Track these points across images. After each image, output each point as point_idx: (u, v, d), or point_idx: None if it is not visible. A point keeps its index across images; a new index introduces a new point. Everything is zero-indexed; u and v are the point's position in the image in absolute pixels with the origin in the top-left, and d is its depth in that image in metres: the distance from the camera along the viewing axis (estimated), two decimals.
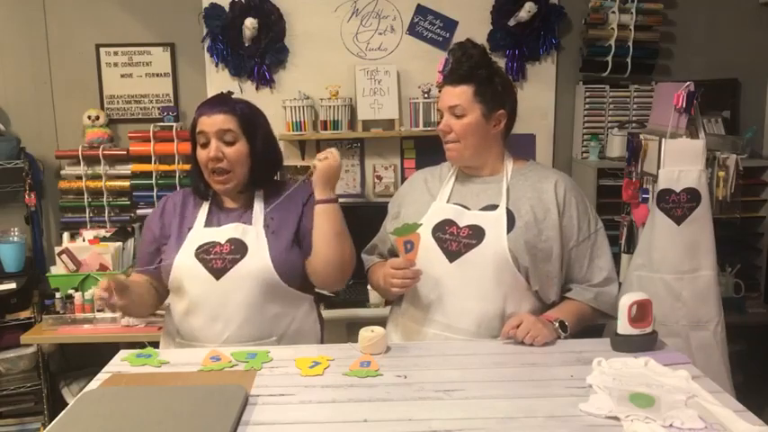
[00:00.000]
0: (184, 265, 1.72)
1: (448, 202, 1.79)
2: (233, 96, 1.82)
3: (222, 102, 1.77)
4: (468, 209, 1.76)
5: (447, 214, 1.76)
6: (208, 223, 1.78)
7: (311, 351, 1.63)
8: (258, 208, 1.80)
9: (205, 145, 1.73)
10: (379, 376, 1.45)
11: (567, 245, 1.74)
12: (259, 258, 1.72)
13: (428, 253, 1.74)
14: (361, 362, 1.52)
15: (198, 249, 1.73)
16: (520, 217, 1.71)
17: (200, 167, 1.77)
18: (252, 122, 1.78)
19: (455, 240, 1.72)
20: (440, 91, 1.82)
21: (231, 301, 1.71)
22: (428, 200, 1.82)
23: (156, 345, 2.08)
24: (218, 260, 1.71)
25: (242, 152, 1.74)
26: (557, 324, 1.66)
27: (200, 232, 1.76)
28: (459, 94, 1.72)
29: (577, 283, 1.78)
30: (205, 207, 1.82)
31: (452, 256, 1.71)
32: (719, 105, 3.22)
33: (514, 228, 1.70)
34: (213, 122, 1.72)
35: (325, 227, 1.75)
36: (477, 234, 1.70)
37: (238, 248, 1.72)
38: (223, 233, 1.75)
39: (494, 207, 1.73)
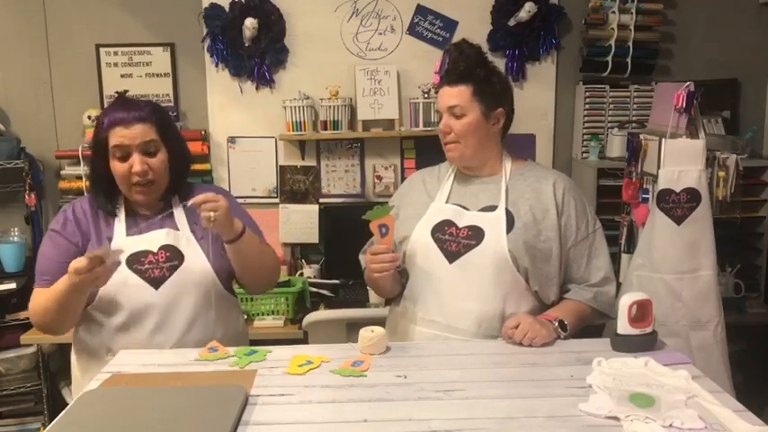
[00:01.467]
0: (116, 277, 1.62)
1: (447, 202, 1.79)
2: (134, 98, 1.75)
3: (133, 107, 1.67)
4: (467, 209, 1.76)
5: (446, 215, 1.76)
6: (129, 232, 1.70)
7: (311, 351, 1.63)
8: (179, 212, 1.75)
9: (124, 158, 1.64)
10: (362, 377, 1.44)
11: (565, 245, 1.74)
12: (198, 264, 1.69)
13: (428, 253, 1.74)
14: (353, 362, 1.51)
15: (128, 259, 1.65)
16: (519, 217, 1.71)
17: (106, 181, 1.68)
18: (167, 126, 1.72)
19: (454, 241, 1.72)
20: (437, 92, 1.82)
21: (175, 310, 1.67)
22: (426, 200, 1.82)
23: None
24: (155, 269, 1.66)
25: (164, 161, 1.68)
26: (556, 323, 1.65)
27: (124, 241, 1.67)
28: (458, 94, 1.72)
29: (576, 283, 1.78)
30: (121, 215, 1.73)
31: (452, 256, 1.71)
32: (719, 105, 3.22)
33: (514, 228, 1.70)
34: (134, 135, 1.63)
35: (246, 258, 1.72)
36: (476, 235, 1.70)
37: (174, 255, 1.68)
38: (152, 241, 1.68)
39: (493, 208, 1.73)
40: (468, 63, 1.73)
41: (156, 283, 1.66)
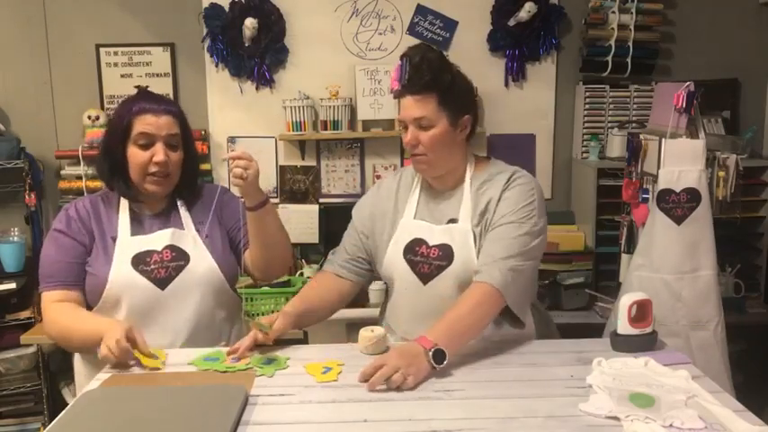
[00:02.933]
0: (122, 277, 1.62)
1: (414, 218, 1.74)
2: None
3: (162, 100, 1.70)
4: (435, 225, 1.71)
5: (415, 233, 1.71)
6: (134, 231, 1.68)
7: (312, 352, 1.62)
8: (184, 211, 1.74)
9: (146, 146, 1.63)
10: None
11: (496, 222, 1.64)
12: (204, 263, 1.69)
13: (402, 275, 1.71)
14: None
15: (134, 259, 1.64)
16: (481, 233, 1.66)
17: (123, 168, 1.66)
18: (187, 127, 1.73)
19: (426, 263, 1.68)
20: (396, 99, 1.71)
21: (181, 311, 1.67)
22: (395, 215, 1.76)
23: None
24: (161, 269, 1.64)
25: (181, 158, 1.69)
26: (431, 354, 1.42)
27: (129, 241, 1.66)
28: (424, 106, 1.61)
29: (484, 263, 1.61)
30: (123, 214, 1.70)
31: (425, 278, 1.68)
32: (719, 105, 3.22)
33: (477, 245, 1.65)
34: (161, 125, 1.64)
35: (267, 229, 1.69)
36: (446, 255, 1.66)
37: (180, 255, 1.67)
38: (157, 240, 1.67)
39: (456, 221, 1.69)
40: (433, 69, 1.60)
41: (162, 283, 1.65)
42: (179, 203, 1.75)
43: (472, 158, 1.76)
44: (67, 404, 1.45)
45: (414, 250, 1.70)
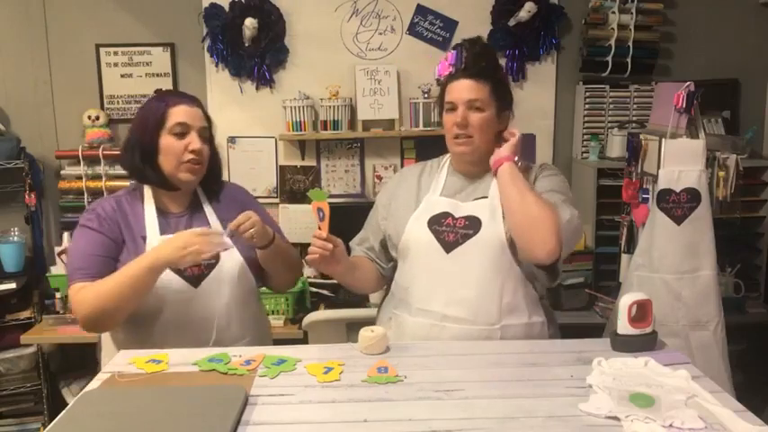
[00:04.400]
0: (160, 277, 1.62)
1: (441, 195, 1.79)
2: None
3: (194, 98, 1.76)
4: (461, 202, 1.76)
5: (442, 207, 1.76)
6: (162, 230, 1.71)
7: (312, 352, 1.62)
8: (209, 210, 1.78)
9: (181, 135, 1.68)
10: (400, 381, 1.42)
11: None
12: (233, 260, 1.72)
13: (423, 245, 1.74)
14: (378, 367, 1.49)
15: None
16: None
17: (154, 158, 1.69)
18: (211, 123, 1.79)
19: (452, 231, 1.71)
20: (445, 84, 1.76)
21: (215, 308, 1.69)
22: (419, 194, 1.81)
23: None
24: (193, 267, 1.66)
25: (209, 151, 1.75)
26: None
27: (159, 240, 1.67)
28: (479, 89, 1.69)
29: None
30: (150, 214, 1.73)
31: (449, 246, 1.71)
32: (719, 105, 3.22)
33: (507, 222, 1.69)
34: (195, 116, 1.71)
35: (277, 259, 1.78)
36: (473, 224, 1.70)
37: None
38: None
39: (485, 197, 1.74)
40: (490, 61, 1.73)
41: (195, 281, 1.68)
42: (204, 202, 1.79)
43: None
44: (67, 404, 1.44)
45: (439, 221, 1.74)
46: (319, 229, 1.66)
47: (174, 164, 1.68)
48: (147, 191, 1.75)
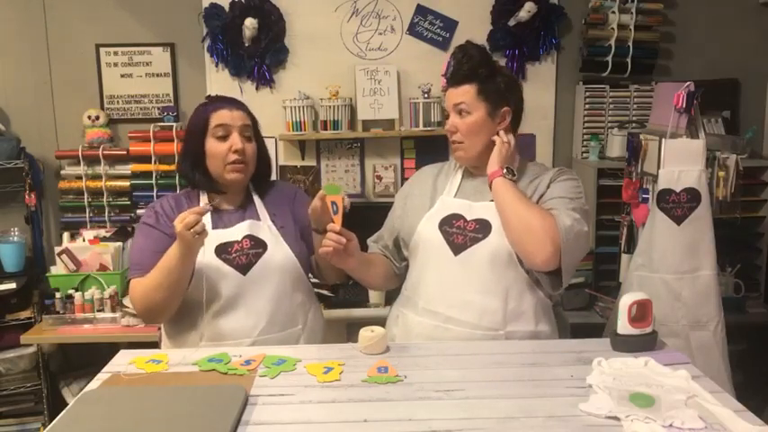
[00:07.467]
0: (208, 266, 1.71)
1: (455, 196, 1.81)
2: None
3: (233, 99, 1.84)
4: (474, 203, 1.77)
5: (454, 208, 1.77)
6: (214, 225, 1.78)
7: (312, 352, 1.63)
8: (260, 204, 1.85)
9: (224, 138, 1.76)
10: (399, 381, 1.43)
11: (548, 196, 1.73)
12: (280, 250, 1.78)
13: (433, 245, 1.75)
14: (378, 367, 1.50)
15: (217, 249, 1.74)
16: None
17: (202, 162, 1.78)
18: (257, 124, 1.86)
19: (461, 234, 1.73)
20: (444, 94, 1.84)
21: (262, 294, 1.75)
22: (434, 194, 1.84)
23: (153, 345, 2.07)
24: (242, 256, 1.74)
25: (255, 149, 1.82)
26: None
27: (212, 233, 1.74)
28: (463, 93, 1.74)
29: None
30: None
31: (457, 249, 1.72)
32: (719, 105, 3.22)
33: None
34: (235, 117, 1.78)
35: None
36: (483, 228, 1.71)
37: (258, 243, 1.77)
38: (236, 232, 1.78)
39: None
40: (473, 63, 1.74)
41: (243, 269, 1.74)
42: (255, 198, 1.86)
43: (517, 155, 1.82)
44: (67, 404, 1.44)
45: (450, 223, 1.75)
46: (333, 222, 1.66)
47: (221, 165, 1.76)
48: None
